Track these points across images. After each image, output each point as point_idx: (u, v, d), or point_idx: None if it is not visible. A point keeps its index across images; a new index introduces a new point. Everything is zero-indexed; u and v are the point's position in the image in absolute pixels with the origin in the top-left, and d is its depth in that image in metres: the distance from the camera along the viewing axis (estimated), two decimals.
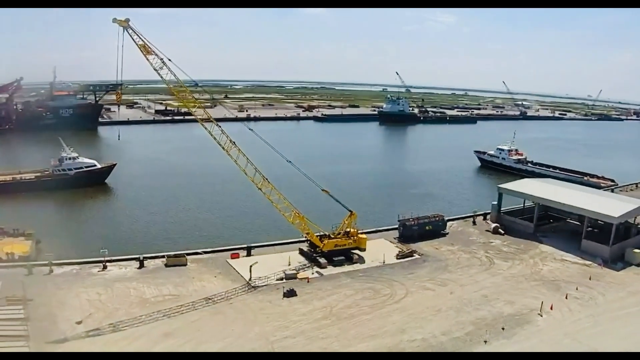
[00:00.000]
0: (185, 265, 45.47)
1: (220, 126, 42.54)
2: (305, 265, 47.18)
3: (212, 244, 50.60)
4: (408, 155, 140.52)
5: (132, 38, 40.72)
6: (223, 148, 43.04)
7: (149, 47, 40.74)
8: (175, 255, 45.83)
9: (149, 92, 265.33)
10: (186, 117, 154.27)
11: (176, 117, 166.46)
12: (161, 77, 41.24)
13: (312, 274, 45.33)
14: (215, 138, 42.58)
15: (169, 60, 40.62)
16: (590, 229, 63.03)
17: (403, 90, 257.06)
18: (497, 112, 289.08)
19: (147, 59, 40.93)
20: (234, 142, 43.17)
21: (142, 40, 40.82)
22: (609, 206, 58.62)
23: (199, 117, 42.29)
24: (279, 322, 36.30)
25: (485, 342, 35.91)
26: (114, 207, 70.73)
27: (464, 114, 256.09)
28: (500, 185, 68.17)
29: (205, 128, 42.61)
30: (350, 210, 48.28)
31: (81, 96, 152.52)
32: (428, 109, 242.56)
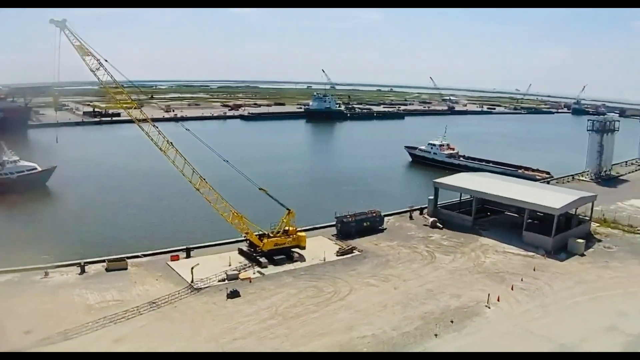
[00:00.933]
0: (126, 269, 72.27)
1: (157, 127, 68.30)
2: (246, 265, 75.22)
3: (152, 247, 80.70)
4: (338, 152, 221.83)
5: (69, 39, 66.71)
6: (160, 149, 68.91)
7: (86, 48, 66.65)
8: (116, 260, 72.67)
9: (77, 94, 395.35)
10: (114, 119, 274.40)
11: (104, 119, 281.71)
12: (98, 78, 67.28)
13: (254, 274, 72.50)
14: (152, 139, 68.62)
15: (106, 61, 67.64)
16: (529, 220, 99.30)
17: (328, 87, 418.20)
18: (425, 107, 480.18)
19: (84, 60, 66.95)
20: (171, 143, 68.92)
21: (79, 41, 66.69)
22: (550, 198, 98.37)
23: (135, 117, 68.98)
24: (226, 324, 58.00)
25: (436, 335, 57.44)
26: (53, 211, 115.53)
27: (390, 110, 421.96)
28: (436, 180, 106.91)
29: (142, 129, 68.46)
30: (288, 209, 77.83)
31: (11, 99, 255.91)
32: (355, 106, 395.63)
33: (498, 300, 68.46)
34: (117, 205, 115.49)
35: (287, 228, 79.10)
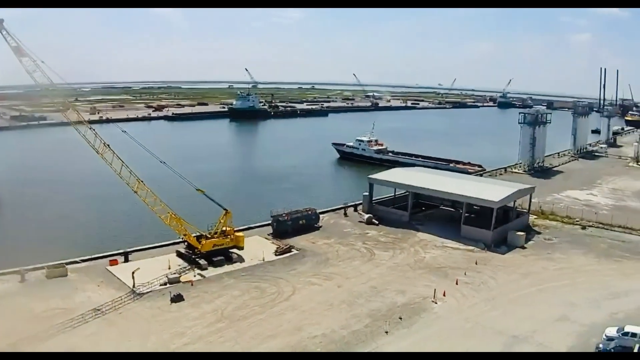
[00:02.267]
0: (66, 275, 74.56)
1: (94, 129, 72.94)
2: (185, 267, 78.68)
3: (89, 251, 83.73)
4: (265, 150, 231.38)
5: (6, 40, 69.23)
6: (97, 152, 73.08)
7: (23, 49, 69.61)
8: (55, 266, 74.69)
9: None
10: (41, 122, 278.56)
11: (32, 123, 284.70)
12: (35, 80, 70.73)
13: (195, 276, 75.85)
14: (89, 141, 72.88)
15: (42, 62, 70.90)
16: (466, 214, 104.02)
17: (249, 86, 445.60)
18: (348, 104, 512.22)
19: (21, 62, 69.92)
20: (108, 145, 72.75)
21: (16, 42, 69.35)
22: (488, 191, 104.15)
23: (72, 120, 74.12)
24: (174, 329, 60.75)
25: (387, 332, 61.30)
26: None
27: (314, 107, 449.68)
28: (370, 176, 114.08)
29: (79, 132, 73.15)
30: (225, 209, 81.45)
31: None
32: (278, 104, 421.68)
33: (444, 295, 72.14)
34: (50, 209, 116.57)
35: (224, 228, 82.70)
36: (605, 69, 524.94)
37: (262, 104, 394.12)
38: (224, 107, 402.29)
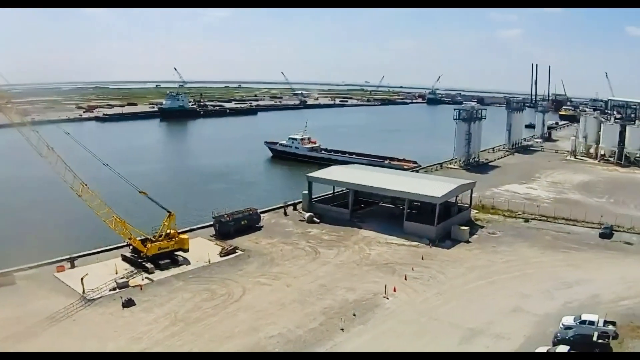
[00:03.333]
0: (14, 284, 75.12)
1: (38, 132, 73.24)
2: (133, 272, 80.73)
3: (35, 258, 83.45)
4: (197, 151, 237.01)
5: None
6: (41, 155, 73.31)
7: None
8: (2, 274, 75.67)
9: None
10: None
11: None
12: None
13: (143, 280, 77.79)
14: (32, 144, 73.18)
15: None
16: (408, 210, 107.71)
17: (176, 85, 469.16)
18: (276, 102, 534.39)
19: None
20: (52, 148, 73.42)
21: None
22: (430, 187, 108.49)
23: (16, 122, 74.25)
24: (130, 335, 62.20)
25: (343, 330, 63.87)
26: None
27: (242, 106, 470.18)
28: (309, 174, 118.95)
29: (22, 134, 73.14)
30: (168, 211, 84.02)
31: None
32: (207, 103, 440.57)
33: (394, 290, 75.03)
34: None
35: (169, 231, 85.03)
36: (536, 65, 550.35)
37: (191, 103, 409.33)
38: (153, 107, 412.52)
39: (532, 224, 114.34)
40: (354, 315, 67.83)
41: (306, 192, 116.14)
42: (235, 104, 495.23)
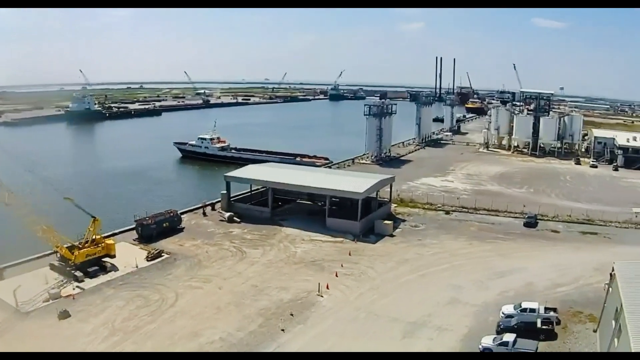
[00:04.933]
0: None
1: None
2: (63, 281, 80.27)
3: None
4: (106, 153, 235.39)
5: None
6: None
7: None
8: None
9: None
10: None
11: None
12: None
13: (74, 289, 77.55)
14: None
15: None
16: (327, 207, 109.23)
17: (80, 88, 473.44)
18: (179, 102, 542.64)
19: None
20: None
21: None
22: (350, 183, 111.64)
23: None
24: (72, 347, 61.77)
25: (283, 330, 64.84)
26: None
27: (147, 107, 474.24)
28: (227, 174, 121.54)
29: None
30: (93, 217, 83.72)
31: None
32: (112, 105, 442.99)
33: (327, 288, 76.71)
34: None
35: (94, 237, 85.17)
36: (441, 58, 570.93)
37: (96, 105, 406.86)
38: (60, 111, 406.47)
39: (453, 216, 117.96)
40: (292, 315, 68.94)
41: (224, 191, 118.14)
42: (139, 105, 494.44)
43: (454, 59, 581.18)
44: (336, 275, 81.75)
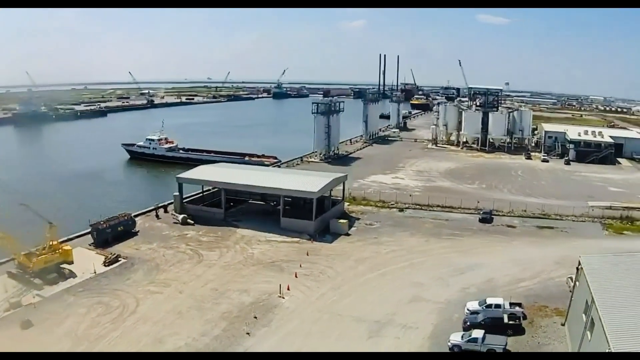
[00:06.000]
0: None
1: None
2: (22, 289, 78.90)
3: None
4: (55, 156, 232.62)
5: None
6: None
7: None
8: None
9: None
10: None
11: None
12: None
13: (34, 297, 76.34)
14: None
15: None
16: (279, 206, 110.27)
17: (25, 90, 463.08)
18: (124, 102, 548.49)
19: None
20: None
21: None
22: (304, 182, 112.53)
23: None
24: None
25: (249, 334, 64.98)
26: None
27: (92, 108, 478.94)
28: (179, 175, 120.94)
29: None
30: (50, 222, 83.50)
31: None
32: (58, 107, 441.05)
33: (288, 289, 76.95)
34: None
35: (51, 243, 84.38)
36: (384, 55, 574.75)
37: (43, 107, 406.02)
38: (7, 113, 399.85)
39: (407, 213, 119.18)
40: (255, 317, 69.05)
41: (177, 193, 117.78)
42: (85, 106, 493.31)
43: (398, 56, 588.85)
44: (296, 276, 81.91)
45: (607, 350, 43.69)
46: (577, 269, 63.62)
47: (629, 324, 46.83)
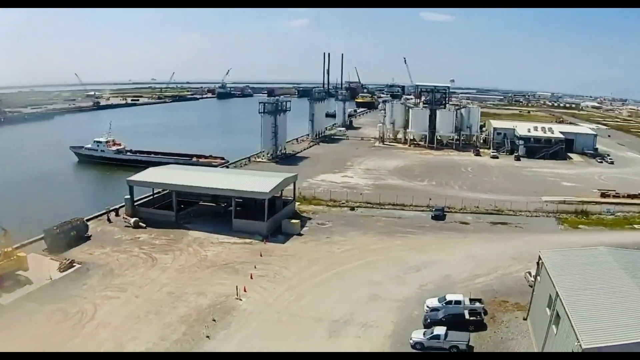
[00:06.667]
0: None
1: None
2: None
3: None
4: (1, 160, 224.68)
5: None
6: None
7: None
8: None
9: None
10: None
11: None
12: None
13: None
14: None
15: None
16: (230, 208, 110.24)
17: None
18: (70, 105, 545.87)
19: None
20: None
21: None
22: (255, 183, 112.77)
23: None
24: None
25: (208, 337, 64.65)
26: None
27: (39, 110, 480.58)
28: (129, 178, 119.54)
29: None
30: (3, 228, 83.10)
31: None
32: (5, 110, 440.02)
33: (245, 291, 76.90)
34: None
35: (5, 250, 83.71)
36: (329, 54, 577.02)
37: None
38: None
39: (359, 212, 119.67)
40: (214, 320, 68.79)
41: (128, 196, 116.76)
42: (32, 109, 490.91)
43: (342, 54, 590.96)
44: (251, 277, 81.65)
45: (576, 344, 44.21)
46: (538, 263, 64.53)
47: (596, 318, 47.74)
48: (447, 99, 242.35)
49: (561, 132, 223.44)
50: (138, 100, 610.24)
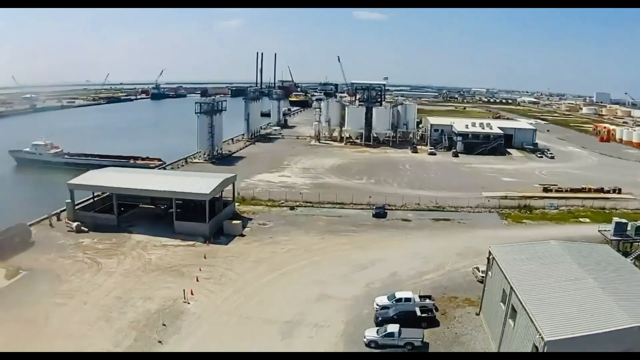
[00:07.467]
0: None
1: None
2: None
3: None
4: None
5: None
6: None
7: None
8: None
9: None
10: None
11: None
12: None
13: None
14: None
15: None
16: (170, 210, 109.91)
17: None
18: (6, 108, 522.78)
19: None
20: None
21: None
22: (195, 184, 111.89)
23: None
24: None
25: (160, 342, 64.04)
26: None
27: None
28: (70, 182, 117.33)
29: None
30: None
31: None
32: None
33: (192, 294, 76.21)
34: None
35: None
36: (262, 53, 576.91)
37: None
38: None
39: (299, 211, 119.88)
40: (164, 325, 68.15)
41: (69, 200, 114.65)
42: None
43: (275, 54, 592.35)
44: (197, 280, 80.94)
45: (537, 336, 45.07)
46: (488, 259, 65.61)
47: (555, 310, 48.85)
48: (382, 96, 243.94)
49: (500, 128, 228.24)
50: (74, 102, 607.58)
